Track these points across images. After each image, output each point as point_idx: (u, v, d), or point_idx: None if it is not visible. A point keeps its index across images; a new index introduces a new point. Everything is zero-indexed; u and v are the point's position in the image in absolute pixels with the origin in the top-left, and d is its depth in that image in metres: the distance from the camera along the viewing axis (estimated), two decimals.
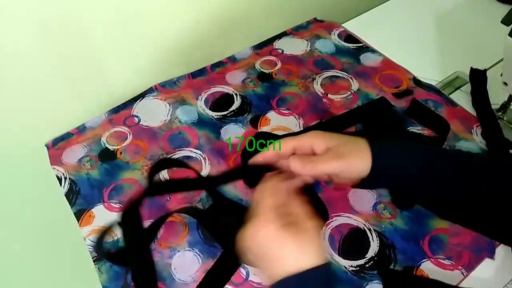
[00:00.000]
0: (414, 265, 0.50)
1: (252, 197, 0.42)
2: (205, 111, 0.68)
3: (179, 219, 0.55)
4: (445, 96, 0.67)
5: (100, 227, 0.55)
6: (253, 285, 0.49)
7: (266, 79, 0.72)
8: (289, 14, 0.82)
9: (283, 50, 0.78)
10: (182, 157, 0.61)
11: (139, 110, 0.68)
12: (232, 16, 0.73)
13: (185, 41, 0.71)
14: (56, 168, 0.61)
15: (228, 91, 0.70)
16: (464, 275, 0.49)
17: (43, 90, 0.61)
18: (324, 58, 0.75)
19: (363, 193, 0.57)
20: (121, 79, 0.68)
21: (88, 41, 0.60)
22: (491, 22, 0.80)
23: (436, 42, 0.78)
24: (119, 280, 0.50)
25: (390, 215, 0.54)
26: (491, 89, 0.66)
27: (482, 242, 0.51)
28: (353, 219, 0.54)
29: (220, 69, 0.75)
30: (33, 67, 0.58)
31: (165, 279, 0.50)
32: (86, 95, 0.67)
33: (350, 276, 0.49)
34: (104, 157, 0.62)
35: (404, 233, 0.52)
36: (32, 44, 0.55)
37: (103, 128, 0.66)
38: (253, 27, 0.78)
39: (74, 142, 0.65)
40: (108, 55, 0.64)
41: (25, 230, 0.78)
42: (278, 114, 0.67)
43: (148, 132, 0.65)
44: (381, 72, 0.72)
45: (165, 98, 0.69)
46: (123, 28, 0.62)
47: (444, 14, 0.84)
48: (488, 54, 0.72)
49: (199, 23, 0.70)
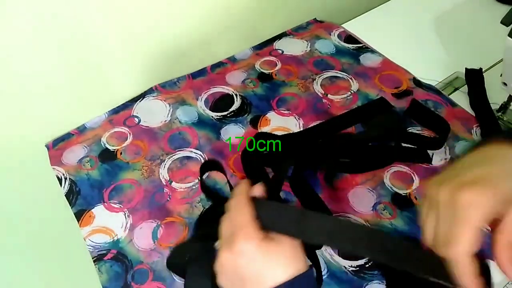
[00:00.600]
0: None
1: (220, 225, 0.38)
2: (205, 111, 0.68)
3: (179, 219, 0.55)
4: (445, 97, 0.67)
5: (101, 227, 0.55)
6: None
7: (266, 79, 0.72)
8: (289, 14, 0.82)
9: (283, 51, 0.78)
10: (182, 157, 0.61)
11: (139, 110, 0.68)
12: (232, 16, 0.73)
13: (185, 41, 0.71)
14: (56, 168, 0.61)
15: (228, 92, 0.70)
16: None
17: (43, 91, 0.61)
18: (324, 58, 0.75)
19: (363, 193, 0.57)
20: (121, 79, 0.68)
21: (88, 41, 0.60)
22: (491, 22, 0.80)
23: (436, 42, 0.78)
24: (119, 280, 0.50)
25: (390, 216, 0.54)
26: (491, 89, 0.66)
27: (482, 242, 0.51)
28: (353, 219, 0.54)
29: (220, 70, 0.75)
30: (33, 67, 0.58)
31: (165, 279, 0.50)
32: (86, 96, 0.67)
33: (350, 276, 0.49)
34: (104, 158, 0.62)
35: (404, 233, 0.52)
36: (33, 44, 0.55)
37: (103, 129, 0.66)
38: (253, 27, 0.78)
39: (74, 142, 0.65)
40: (108, 56, 0.64)
41: (25, 230, 0.78)
42: (278, 114, 0.67)
43: (148, 133, 0.65)
44: (381, 73, 0.72)
45: (165, 99, 0.70)
46: (123, 28, 0.62)
47: (444, 14, 0.84)
48: (488, 54, 0.73)
49: (199, 23, 0.70)
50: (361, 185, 0.58)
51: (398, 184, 0.57)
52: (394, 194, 0.56)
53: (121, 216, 0.56)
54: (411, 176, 0.58)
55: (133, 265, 0.51)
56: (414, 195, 0.56)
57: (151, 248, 0.53)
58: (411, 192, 0.56)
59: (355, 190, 0.57)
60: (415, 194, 0.56)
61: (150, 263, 0.51)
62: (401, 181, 0.58)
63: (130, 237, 0.54)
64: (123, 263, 0.52)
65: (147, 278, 0.50)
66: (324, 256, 0.51)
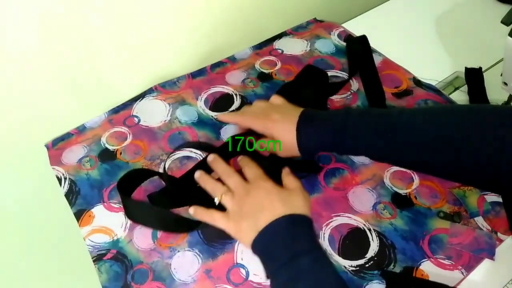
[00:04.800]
0: (414, 265, 0.50)
1: None
2: (205, 111, 0.68)
3: None
4: (445, 96, 0.67)
5: (100, 226, 0.55)
6: (253, 285, 0.49)
7: (266, 79, 0.72)
8: (289, 14, 0.82)
9: (283, 50, 0.78)
10: (181, 157, 0.61)
11: (139, 110, 0.68)
12: (232, 16, 0.73)
13: (185, 41, 0.71)
14: (56, 168, 0.61)
15: (228, 91, 0.70)
16: (463, 275, 0.49)
17: (43, 91, 0.61)
18: (323, 58, 0.75)
19: (363, 192, 0.57)
20: (121, 79, 0.68)
21: (88, 41, 0.60)
22: (491, 22, 0.80)
23: (436, 42, 0.78)
24: (119, 280, 0.50)
25: (390, 215, 0.54)
26: (491, 89, 0.66)
27: (482, 242, 0.51)
28: (353, 219, 0.54)
29: (220, 69, 0.75)
30: (34, 67, 0.58)
31: (165, 279, 0.50)
32: (86, 96, 0.67)
33: (350, 276, 0.49)
34: (104, 157, 0.62)
35: (404, 233, 0.53)
36: (33, 44, 0.55)
37: (103, 128, 0.66)
38: (253, 27, 0.78)
39: (74, 142, 0.65)
40: (108, 56, 0.64)
41: (25, 230, 0.78)
42: None
43: (148, 132, 0.65)
44: (381, 72, 0.72)
45: (165, 98, 0.69)
46: (123, 28, 0.62)
47: (444, 14, 0.83)
48: (488, 54, 0.73)
49: (199, 23, 0.70)
50: (361, 184, 0.57)
51: (398, 184, 0.57)
52: (394, 193, 0.56)
53: (121, 216, 0.56)
54: (411, 175, 0.58)
55: (133, 265, 0.51)
56: (414, 194, 0.56)
57: (150, 248, 0.53)
58: (411, 191, 0.56)
59: (355, 190, 0.57)
60: (415, 193, 0.56)
61: (150, 263, 0.51)
62: (401, 180, 0.58)
63: (129, 237, 0.54)
64: (123, 263, 0.52)
65: (146, 278, 0.50)
66: None
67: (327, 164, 0.60)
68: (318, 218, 0.54)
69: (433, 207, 0.55)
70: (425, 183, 0.57)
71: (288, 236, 0.44)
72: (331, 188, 0.57)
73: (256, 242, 0.45)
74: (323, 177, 0.58)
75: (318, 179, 0.58)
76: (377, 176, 0.58)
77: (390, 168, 0.59)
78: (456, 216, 0.53)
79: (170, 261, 0.52)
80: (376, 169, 0.59)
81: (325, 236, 0.53)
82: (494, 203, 0.54)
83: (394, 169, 0.59)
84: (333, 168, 0.59)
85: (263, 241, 0.44)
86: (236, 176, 0.52)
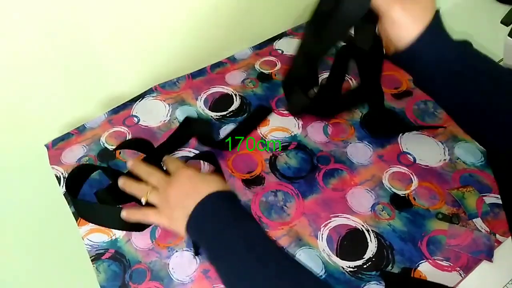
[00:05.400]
0: (412, 266, 0.50)
1: None
2: (204, 111, 0.68)
3: None
4: None
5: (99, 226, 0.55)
6: None
7: (266, 79, 0.72)
8: (289, 14, 0.82)
9: (283, 51, 0.78)
10: (181, 157, 0.61)
11: (138, 110, 0.68)
12: (232, 16, 0.73)
13: (185, 41, 0.71)
14: (55, 167, 0.61)
15: (228, 92, 0.70)
16: (462, 276, 0.49)
17: (44, 91, 0.62)
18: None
19: (362, 193, 0.57)
20: (121, 79, 0.69)
21: (88, 41, 0.60)
22: (491, 22, 0.79)
23: None
24: (117, 279, 0.50)
25: (388, 216, 0.54)
26: None
27: (480, 244, 0.51)
28: (351, 220, 0.54)
29: (219, 70, 0.75)
30: (34, 67, 0.58)
31: (162, 279, 0.50)
32: (86, 96, 0.67)
33: (348, 277, 0.49)
34: (103, 157, 0.62)
35: (402, 234, 0.52)
36: (33, 45, 0.55)
37: (103, 128, 0.66)
38: (253, 27, 0.78)
39: (73, 142, 0.65)
40: (108, 56, 0.64)
41: (24, 230, 0.78)
42: (277, 114, 0.67)
43: (147, 132, 0.65)
44: None
45: (165, 99, 0.70)
46: (123, 28, 0.62)
47: (444, 14, 0.83)
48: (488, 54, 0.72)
49: (199, 23, 0.70)
50: (360, 185, 0.57)
51: (397, 185, 0.57)
52: (392, 194, 0.56)
53: None
54: (410, 176, 0.58)
55: (131, 265, 0.52)
56: (412, 195, 0.56)
57: (149, 248, 0.53)
58: (410, 192, 0.56)
59: (354, 191, 0.57)
60: (413, 194, 0.56)
61: (148, 263, 0.52)
62: (400, 181, 0.58)
63: (128, 236, 0.54)
64: (121, 262, 0.52)
65: (145, 278, 0.50)
66: (322, 257, 0.51)
67: (326, 165, 0.60)
68: (317, 219, 0.54)
69: (432, 208, 0.54)
70: (424, 184, 0.57)
71: (215, 212, 0.45)
72: (330, 189, 0.57)
73: (189, 226, 0.46)
74: (321, 178, 0.58)
75: (317, 179, 0.58)
76: (376, 177, 0.58)
77: (389, 169, 0.59)
78: (454, 218, 0.53)
79: (168, 261, 0.52)
80: (375, 170, 0.59)
81: (323, 236, 0.53)
82: (492, 204, 0.54)
83: (393, 170, 0.59)
84: (331, 169, 0.59)
85: (195, 224, 0.45)
86: (157, 173, 0.52)
